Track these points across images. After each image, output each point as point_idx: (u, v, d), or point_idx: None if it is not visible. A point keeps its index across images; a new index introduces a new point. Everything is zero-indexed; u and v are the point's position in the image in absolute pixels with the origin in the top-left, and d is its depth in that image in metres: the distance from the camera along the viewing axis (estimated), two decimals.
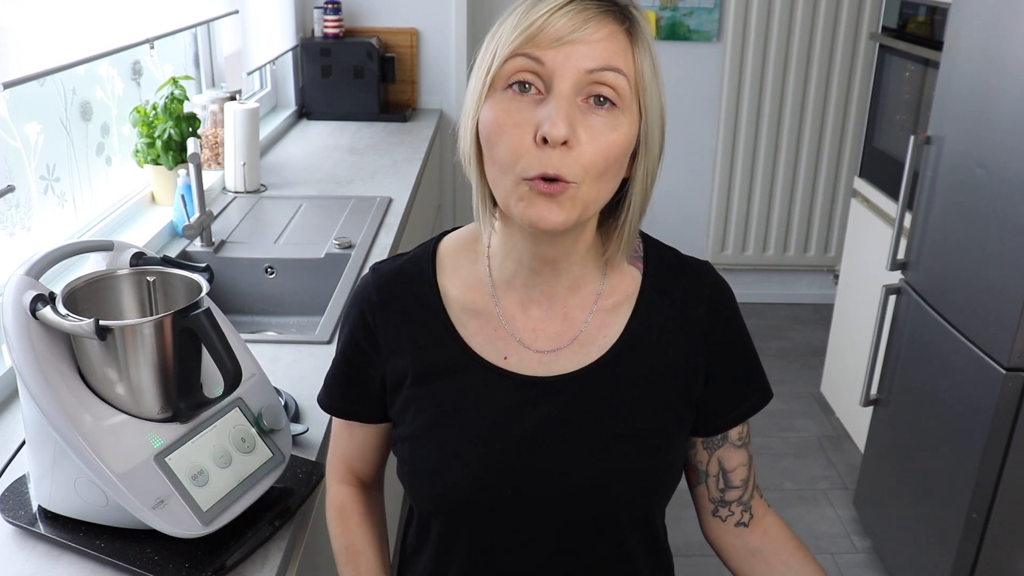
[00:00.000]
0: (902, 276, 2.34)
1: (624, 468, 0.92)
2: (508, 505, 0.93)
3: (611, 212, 0.91)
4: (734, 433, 1.00)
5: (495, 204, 0.88)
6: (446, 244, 1.00)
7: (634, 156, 0.86)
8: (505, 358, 0.94)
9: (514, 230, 0.90)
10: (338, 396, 1.02)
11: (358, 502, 1.08)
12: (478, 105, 0.84)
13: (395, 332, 0.96)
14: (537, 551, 0.95)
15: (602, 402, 0.93)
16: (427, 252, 0.99)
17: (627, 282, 0.96)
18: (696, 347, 0.96)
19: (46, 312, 0.98)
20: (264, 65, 2.86)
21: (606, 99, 0.81)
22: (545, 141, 0.79)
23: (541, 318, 0.94)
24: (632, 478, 0.93)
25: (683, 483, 1.02)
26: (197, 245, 2.05)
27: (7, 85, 1.40)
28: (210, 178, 2.43)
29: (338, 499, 1.08)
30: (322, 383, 1.04)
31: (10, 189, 1.39)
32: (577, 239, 0.90)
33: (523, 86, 0.81)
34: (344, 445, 1.06)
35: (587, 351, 0.94)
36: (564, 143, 0.79)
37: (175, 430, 1.04)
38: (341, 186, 2.57)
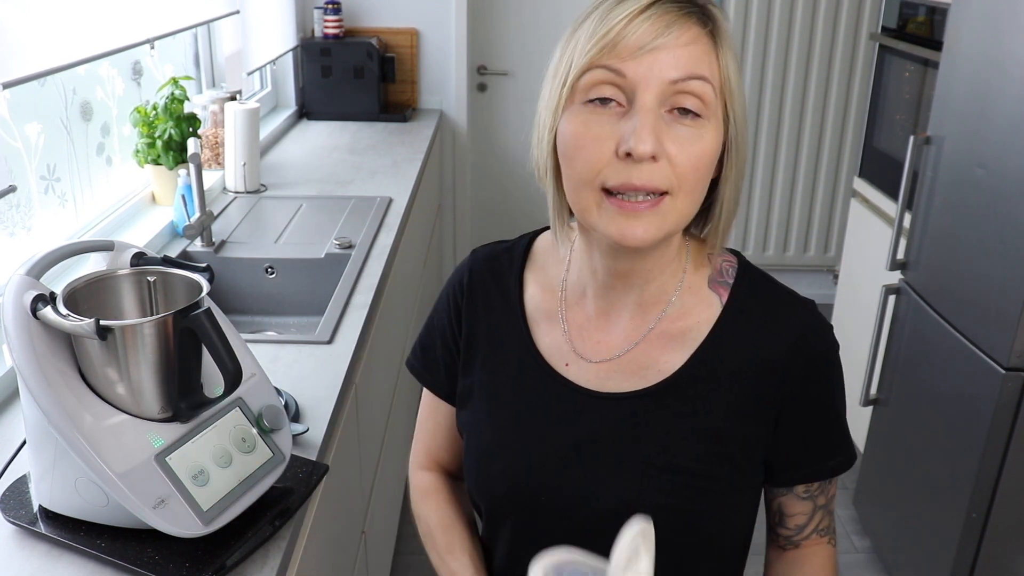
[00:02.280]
0: (902, 276, 2.34)
1: (655, 502, 0.86)
2: (544, 510, 0.92)
3: (695, 221, 0.87)
4: (800, 487, 0.94)
5: (572, 215, 0.85)
6: (542, 241, 0.99)
7: (719, 159, 0.82)
8: (567, 365, 0.92)
9: (591, 242, 0.87)
10: (420, 361, 1.04)
11: (444, 486, 1.08)
12: (555, 117, 0.80)
13: (474, 320, 0.97)
14: None
15: (646, 428, 0.88)
16: (522, 246, 0.98)
17: (702, 308, 0.90)
18: (769, 390, 0.88)
19: (47, 312, 0.98)
20: (264, 65, 2.86)
21: (690, 109, 0.77)
22: (629, 155, 0.74)
23: (605, 331, 0.91)
24: (662, 514, 0.84)
25: None
26: (197, 245, 2.05)
27: (7, 85, 1.40)
28: (210, 178, 2.43)
29: (423, 484, 1.08)
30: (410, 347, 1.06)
31: (12, 189, 1.39)
32: (659, 255, 0.86)
33: (603, 101, 0.77)
34: (428, 432, 1.07)
35: (646, 374, 0.89)
36: (652, 158, 0.75)
37: (175, 430, 1.04)
38: (341, 186, 2.57)
